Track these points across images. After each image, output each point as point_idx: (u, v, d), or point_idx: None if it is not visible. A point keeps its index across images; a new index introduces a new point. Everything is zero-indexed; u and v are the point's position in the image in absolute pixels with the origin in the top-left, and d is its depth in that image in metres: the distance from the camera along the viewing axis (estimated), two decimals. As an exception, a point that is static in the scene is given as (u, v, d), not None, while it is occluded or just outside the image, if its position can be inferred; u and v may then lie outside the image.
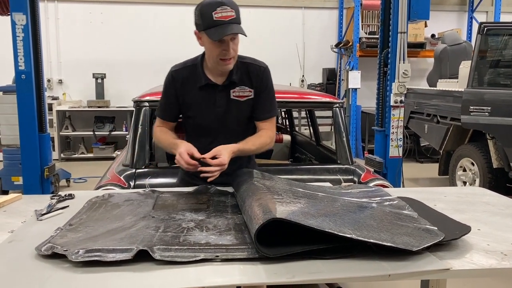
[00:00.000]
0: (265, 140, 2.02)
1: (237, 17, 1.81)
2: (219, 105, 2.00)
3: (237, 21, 1.81)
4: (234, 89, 1.99)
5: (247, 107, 2.03)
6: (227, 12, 1.78)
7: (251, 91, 2.01)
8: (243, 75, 2.00)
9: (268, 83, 2.04)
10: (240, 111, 2.03)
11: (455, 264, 1.26)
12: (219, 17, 1.78)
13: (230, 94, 1.99)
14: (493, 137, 4.83)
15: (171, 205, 1.77)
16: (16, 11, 3.86)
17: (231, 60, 1.89)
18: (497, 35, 5.06)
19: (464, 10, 9.18)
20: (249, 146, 1.97)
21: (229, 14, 1.78)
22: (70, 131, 7.90)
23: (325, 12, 8.86)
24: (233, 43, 1.85)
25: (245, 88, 2.00)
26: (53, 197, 1.90)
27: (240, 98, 2.01)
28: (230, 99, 2.00)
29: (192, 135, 2.09)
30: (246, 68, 2.00)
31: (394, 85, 4.25)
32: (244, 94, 2.01)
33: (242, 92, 2.00)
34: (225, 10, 1.78)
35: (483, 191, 2.19)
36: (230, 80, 1.98)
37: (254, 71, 2.01)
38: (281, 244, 1.30)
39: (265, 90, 2.03)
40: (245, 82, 2.00)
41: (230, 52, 1.84)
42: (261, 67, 2.03)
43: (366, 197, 1.77)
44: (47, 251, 1.29)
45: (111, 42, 8.15)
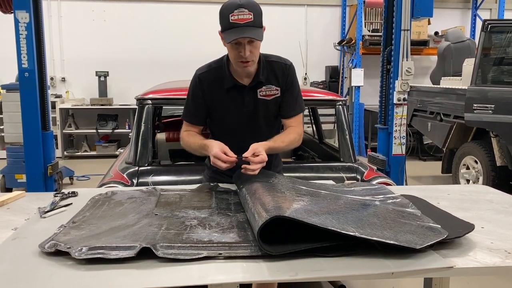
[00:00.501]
0: (294, 137, 2.04)
1: (255, 20, 1.79)
2: (247, 106, 2.00)
3: (255, 24, 1.79)
4: (261, 88, 1.99)
5: (274, 106, 2.04)
6: (244, 15, 1.77)
7: (277, 90, 2.02)
8: (269, 74, 2.00)
9: (293, 80, 2.05)
10: (268, 110, 2.04)
11: (458, 262, 1.25)
12: (235, 19, 1.77)
13: (257, 94, 2.00)
14: (497, 135, 4.81)
15: (174, 202, 1.78)
16: (19, 9, 3.86)
17: (250, 62, 1.87)
18: (501, 32, 5.04)
19: (468, 7, 9.14)
20: (279, 144, 1.98)
21: (246, 17, 1.77)
22: (73, 129, 7.92)
23: (328, 10, 8.84)
24: (252, 46, 1.83)
25: (271, 87, 2.00)
26: (56, 195, 1.91)
27: (267, 97, 2.01)
28: (258, 99, 2.00)
29: (219, 136, 2.06)
30: (272, 66, 2.01)
31: (397, 83, 4.23)
32: (271, 93, 2.01)
33: (269, 91, 2.01)
34: (242, 12, 1.76)
35: (487, 189, 2.18)
36: (257, 80, 1.97)
37: (280, 69, 2.01)
38: (284, 242, 1.29)
39: (290, 87, 2.04)
40: (271, 81, 2.00)
41: (246, 55, 1.82)
42: (287, 65, 2.03)
43: (369, 195, 1.77)
44: (50, 248, 1.29)
45: (114, 40, 8.15)
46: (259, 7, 1.84)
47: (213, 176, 2.16)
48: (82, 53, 8.10)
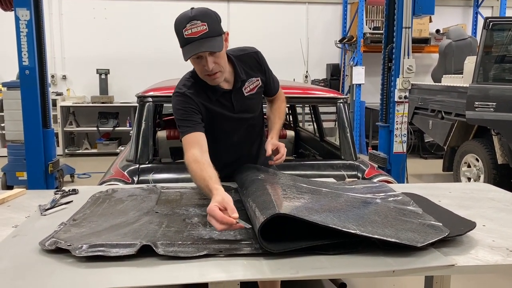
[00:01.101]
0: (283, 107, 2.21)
1: (210, 30, 1.67)
2: (237, 108, 1.98)
3: (210, 34, 1.67)
4: (244, 86, 1.97)
5: (260, 95, 2.08)
6: (197, 27, 1.65)
7: (258, 79, 2.02)
8: (246, 68, 1.98)
9: (265, 64, 2.06)
10: (257, 103, 2.07)
11: (460, 260, 1.25)
12: (189, 34, 1.66)
13: (243, 93, 1.98)
14: (498, 133, 4.80)
15: (174, 200, 1.77)
16: (20, 6, 3.86)
17: (218, 74, 1.79)
18: (503, 30, 5.02)
19: (469, 5, 9.11)
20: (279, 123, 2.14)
21: (200, 29, 1.65)
22: (74, 127, 7.92)
23: (329, 8, 8.82)
24: (214, 57, 1.73)
25: (252, 80, 1.99)
26: (57, 192, 1.91)
27: (252, 91, 2.01)
28: (245, 97, 1.99)
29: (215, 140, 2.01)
30: (244, 61, 1.97)
31: (398, 81, 4.23)
32: (254, 85, 2.01)
33: (252, 84, 2.00)
34: (195, 25, 1.65)
35: (488, 187, 2.18)
36: (239, 81, 1.94)
37: (253, 59, 2.00)
38: (285, 240, 1.29)
39: (265, 71, 2.06)
40: (251, 74, 1.99)
41: (210, 67, 1.73)
42: (255, 52, 2.02)
43: (370, 193, 1.76)
44: (50, 246, 1.29)
45: (115, 37, 8.15)
46: (214, 14, 1.73)
47: None
48: (83, 51, 8.09)
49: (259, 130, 2.17)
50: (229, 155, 2.05)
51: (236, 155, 2.07)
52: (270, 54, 2.16)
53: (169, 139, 3.62)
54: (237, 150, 2.08)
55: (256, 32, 8.16)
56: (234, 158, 2.07)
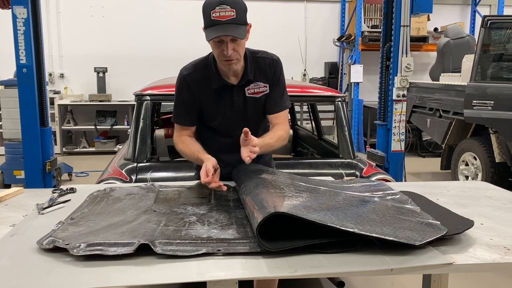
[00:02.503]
0: (281, 133, 1.97)
1: (237, 17, 1.72)
2: (237, 105, 1.96)
3: (237, 21, 1.72)
4: (248, 86, 1.95)
5: (263, 103, 2.00)
6: (226, 12, 1.70)
7: (266, 86, 1.98)
8: (257, 70, 1.95)
9: (280, 76, 2.01)
10: (258, 108, 2.00)
11: (458, 258, 1.25)
12: (216, 16, 1.70)
13: (246, 92, 1.96)
14: (496, 131, 4.81)
15: (172, 199, 1.77)
16: (17, 4, 3.84)
17: (234, 61, 1.81)
18: (501, 28, 5.02)
19: (467, 3, 9.12)
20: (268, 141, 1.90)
21: (228, 14, 1.70)
22: (72, 125, 7.90)
23: (327, 6, 8.82)
24: (235, 44, 1.76)
25: (259, 84, 1.96)
26: (54, 191, 1.90)
27: (256, 95, 1.97)
28: (246, 98, 1.97)
29: (209, 136, 2.05)
30: (259, 62, 1.96)
31: (396, 79, 4.23)
32: (260, 90, 1.97)
33: (257, 88, 1.97)
34: (224, 9, 1.69)
35: (486, 185, 2.18)
36: (245, 79, 1.93)
37: (267, 65, 1.97)
38: (283, 238, 1.29)
39: (277, 82, 2.00)
40: (259, 78, 1.96)
41: (229, 53, 1.76)
42: (273, 60, 1.99)
43: (368, 191, 1.76)
44: (48, 245, 1.29)
45: (113, 36, 8.13)
46: (243, 4, 1.77)
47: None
48: (80, 49, 8.07)
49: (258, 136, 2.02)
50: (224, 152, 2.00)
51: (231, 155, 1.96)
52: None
53: (167, 137, 3.62)
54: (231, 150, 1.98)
55: (254, 31, 8.08)
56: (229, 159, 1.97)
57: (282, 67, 2.02)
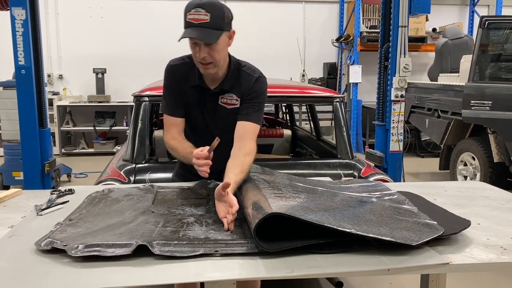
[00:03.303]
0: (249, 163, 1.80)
1: (211, 22, 1.71)
2: (208, 108, 1.98)
3: (210, 25, 1.71)
4: (223, 95, 1.96)
5: (233, 116, 1.95)
6: (199, 15, 1.71)
7: (237, 100, 1.95)
8: (235, 82, 1.94)
9: (257, 92, 1.93)
10: (227, 118, 1.96)
11: (454, 258, 1.26)
12: (190, 18, 1.73)
13: (219, 99, 1.96)
14: (494, 131, 4.82)
15: (170, 200, 1.77)
16: (16, 5, 3.84)
17: (210, 65, 1.81)
18: (499, 29, 5.03)
19: (466, 3, 9.13)
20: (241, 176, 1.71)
21: (201, 18, 1.71)
22: (71, 126, 7.90)
23: (325, 6, 8.83)
24: (209, 49, 1.76)
25: (233, 96, 1.95)
26: (53, 192, 1.90)
27: (227, 106, 1.96)
28: (218, 104, 1.97)
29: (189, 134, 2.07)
30: (240, 76, 1.94)
31: (395, 80, 4.24)
32: (231, 102, 1.95)
33: (230, 99, 1.95)
34: (198, 12, 1.71)
35: (484, 185, 2.19)
36: (221, 87, 1.93)
37: (246, 80, 1.94)
38: (280, 239, 1.30)
39: (251, 98, 1.93)
40: (234, 90, 1.95)
41: (201, 56, 1.76)
42: (253, 77, 1.94)
43: (366, 192, 1.77)
44: (46, 246, 1.29)
45: (112, 36, 8.13)
46: (223, 10, 1.76)
47: (181, 172, 2.18)
48: (79, 50, 8.07)
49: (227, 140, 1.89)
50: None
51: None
52: (267, 53, 2.16)
53: (166, 138, 3.61)
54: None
55: (253, 31, 8.16)
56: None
57: (263, 86, 1.95)
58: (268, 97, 2.08)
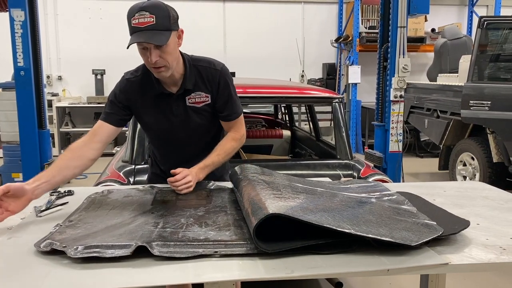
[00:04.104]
0: (230, 145, 1.97)
1: (157, 23, 1.68)
2: (176, 114, 1.92)
3: (157, 27, 1.68)
4: (189, 96, 1.91)
5: (205, 113, 1.95)
6: (144, 18, 1.67)
7: (207, 96, 1.92)
8: (198, 79, 1.90)
9: (226, 84, 1.94)
10: (199, 118, 1.94)
11: (453, 258, 1.26)
12: (136, 23, 1.68)
13: (186, 101, 1.91)
14: (493, 131, 4.83)
15: (170, 201, 1.77)
16: (15, 7, 3.85)
17: (163, 68, 1.76)
18: (497, 29, 5.05)
19: (464, 4, 9.15)
20: (214, 159, 1.91)
21: (146, 20, 1.67)
22: (70, 128, 7.90)
23: (324, 7, 8.84)
24: (160, 51, 1.72)
25: (201, 94, 1.91)
26: (52, 194, 1.90)
27: (196, 105, 1.92)
28: (187, 107, 1.92)
29: (155, 144, 2.07)
30: (200, 72, 1.91)
31: (394, 80, 4.24)
32: (201, 100, 1.92)
33: (198, 97, 1.91)
34: (143, 15, 1.67)
35: (483, 185, 2.19)
36: (184, 88, 1.89)
37: (209, 75, 1.92)
38: (279, 240, 1.30)
39: (224, 92, 1.94)
40: (200, 87, 1.91)
41: (153, 60, 1.72)
42: (216, 70, 1.93)
43: (365, 192, 1.77)
44: (46, 247, 1.29)
45: (111, 38, 8.13)
46: (167, 10, 1.73)
47: (152, 178, 2.17)
48: (78, 51, 8.08)
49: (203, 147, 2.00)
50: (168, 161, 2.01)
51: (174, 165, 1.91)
52: (266, 53, 2.17)
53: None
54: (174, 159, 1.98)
55: (252, 32, 8.17)
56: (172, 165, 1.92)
57: (227, 74, 1.95)
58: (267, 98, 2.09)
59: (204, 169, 1.89)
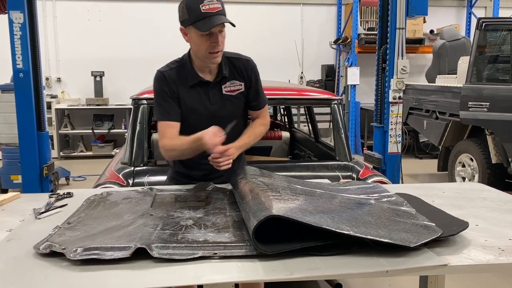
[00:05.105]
0: (259, 129, 2.10)
1: (223, 9, 1.85)
2: (213, 102, 2.00)
3: (223, 12, 1.84)
4: (225, 84, 2.02)
5: (239, 101, 2.06)
6: (214, 4, 1.81)
7: (241, 84, 2.04)
8: (232, 69, 2.03)
9: (256, 74, 2.08)
10: (234, 106, 2.05)
11: (452, 260, 1.26)
12: (206, 9, 1.80)
13: (222, 90, 2.01)
14: (492, 132, 4.83)
15: (169, 202, 1.78)
16: (14, 9, 3.85)
17: (219, 53, 1.91)
18: (496, 30, 5.05)
19: (463, 5, 9.17)
20: (245, 140, 2.02)
21: (216, 6, 1.82)
22: (69, 129, 7.90)
23: (323, 9, 8.85)
24: (221, 36, 1.88)
25: (235, 82, 2.03)
26: (51, 196, 1.90)
27: (232, 93, 2.03)
28: (223, 95, 2.02)
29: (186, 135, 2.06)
30: (232, 62, 2.03)
31: (392, 81, 4.24)
32: (235, 88, 2.03)
33: (233, 86, 2.03)
34: (212, 2, 1.81)
35: (482, 186, 2.19)
36: (221, 75, 2.00)
37: (241, 65, 2.04)
38: (279, 241, 1.30)
39: (256, 82, 2.08)
40: (235, 76, 2.03)
41: (220, 43, 1.86)
42: (247, 60, 2.07)
43: (364, 194, 1.77)
44: (45, 249, 1.29)
45: (110, 39, 8.13)
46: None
47: (175, 177, 2.17)
48: (77, 53, 8.07)
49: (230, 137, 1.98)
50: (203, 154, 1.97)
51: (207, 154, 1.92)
52: (265, 55, 2.19)
53: (164, 141, 3.61)
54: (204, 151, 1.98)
55: (251, 34, 8.17)
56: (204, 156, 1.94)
57: (255, 66, 2.10)
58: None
59: (239, 149, 1.97)
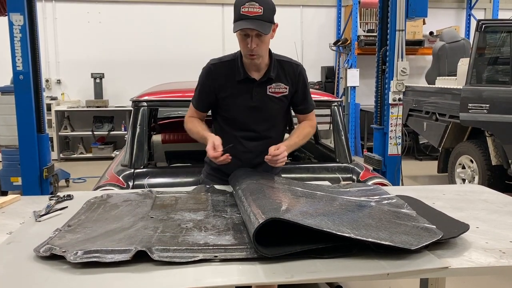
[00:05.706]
0: (308, 130, 2.19)
1: (264, 15, 1.87)
2: (255, 100, 2.05)
3: (263, 18, 1.87)
4: (270, 85, 2.06)
5: (281, 103, 2.11)
6: (254, 8, 1.85)
7: (286, 88, 2.09)
8: (280, 72, 2.07)
9: (304, 79, 2.14)
10: (275, 106, 2.09)
11: (453, 262, 1.26)
12: (245, 11, 1.85)
13: (267, 90, 2.06)
14: (492, 134, 4.83)
15: (169, 205, 1.77)
16: (13, 11, 3.84)
17: (256, 56, 1.95)
18: (495, 32, 5.06)
19: (462, 7, 9.17)
20: (295, 140, 2.11)
21: (255, 10, 1.85)
22: (69, 131, 7.89)
23: (323, 10, 8.85)
24: (259, 40, 1.91)
25: (280, 85, 2.07)
26: (51, 198, 1.90)
27: (275, 94, 2.08)
28: (266, 95, 2.06)
29: (225, 129, 2.13)
30: (282, 66, 2.09)
31: (392, 83, 4.24)
32: (280, 91, 2.08)
33: (278, 88, 2.08)
34: (253, 5, 1.85)
35: (482, 188, 2.19)
36: (267, 76, 2.04)
37: (290, 70, 2.10)
38: (279, 244, 1.30)
39: (304, 87, 2.14)
40: (281, 79, 2.08)
41: (252, 47, 1.89)
42: (298, 65, 2.13)
43: (364, 196, 1.77)
44: (45, 252, 1.29)
45: (110, 41, 8.13)
46: (272, 4, 1.93)
47: (211, 173, 2.21)
48: (77, 55, 8.07)
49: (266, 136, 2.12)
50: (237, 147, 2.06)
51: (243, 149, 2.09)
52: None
53: (164, 143, 3.61)
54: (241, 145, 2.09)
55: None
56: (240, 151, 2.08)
57: (305, 72, 2.16)
58: None
59: (290, 148, 2.04)
